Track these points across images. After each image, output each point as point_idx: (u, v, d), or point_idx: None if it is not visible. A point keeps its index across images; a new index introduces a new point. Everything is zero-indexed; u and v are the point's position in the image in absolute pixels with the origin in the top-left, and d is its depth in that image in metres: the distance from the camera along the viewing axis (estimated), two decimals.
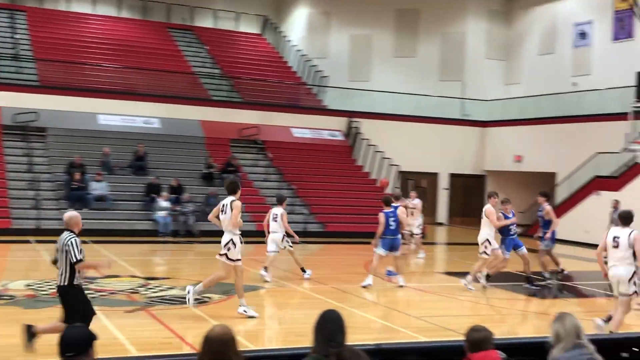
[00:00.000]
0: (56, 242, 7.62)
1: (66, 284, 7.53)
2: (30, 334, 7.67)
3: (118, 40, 29.78)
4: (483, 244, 13.34)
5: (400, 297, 13.18)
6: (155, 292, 12.04)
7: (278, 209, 13.86)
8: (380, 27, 32.16)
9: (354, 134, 27.88)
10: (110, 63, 27.50)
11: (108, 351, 7.15)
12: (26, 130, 23.20)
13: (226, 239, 10.17)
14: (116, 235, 19.72)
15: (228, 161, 23.88)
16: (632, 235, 9.13)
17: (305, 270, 14.07)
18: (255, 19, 35.29)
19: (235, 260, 10.10)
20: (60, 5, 32.13)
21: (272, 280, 13.40)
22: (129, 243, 19.03)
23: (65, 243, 7.44)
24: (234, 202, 10.06)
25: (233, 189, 10.24)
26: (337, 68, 31.37)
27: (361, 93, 29.43)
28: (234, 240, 10.13)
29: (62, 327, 7.06)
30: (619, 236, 9.28)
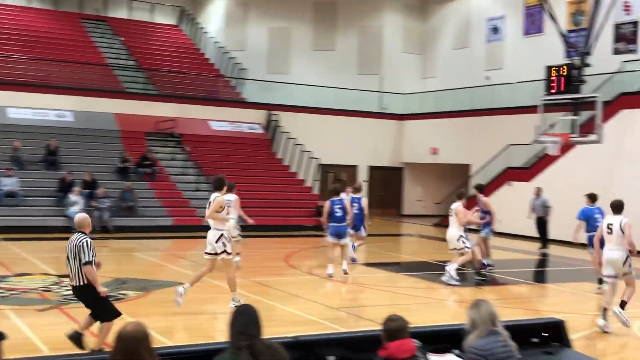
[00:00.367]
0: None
1: (83, 283, 7.64)
2: (78, 339, 7.80)
3: (28, 31, 28.76)
4: (459, 240, 13.49)
5: (320, 289, 13.23)
6: (69, 290, 11.67)
7: (231, 196, 14.14)
8: (299, 20, 32.16)
9: (273, 127, 27.81)
10: (20, 54, 26.51)
11: (19, 351, 6.92)
12: None
13: (216, 235, 10.22)
14: (28, 232, 19.07)
15: (144, 155, 23.42)
16: (624, 222, 9.87)
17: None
18: (171, 10, 34.71)
19: (226, 253, 10.24)
20: None
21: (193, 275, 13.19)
22: (42, 240, 18.40)
23: (78, 244, 7.56)
24: (217, 198, 10.19)
25: (219, 185, 10.39)
26: (256, 61, 31.20)
27: (280, 86, 29.38)
28: (225, 235, 10.26)
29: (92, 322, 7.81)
30: (612, 223, 9.98)
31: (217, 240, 10.21)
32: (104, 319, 7.78)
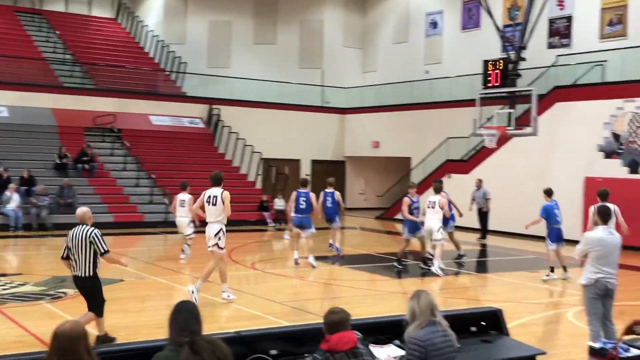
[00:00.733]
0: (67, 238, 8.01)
1: (91, 274, 8.00)
2: (109, 340, 8.02)
3: None
4: (438, 231, 14.21)
5: (263, 284, 13.24)
6: (6, 289, 11.45)
7: (185, 195, 15.06)
8: (240, 14, 31.97)
9: (214, 121, 27.61)
10: None
11: None
12: None
13: (216, 228, 10.59)
14: None
15: (82, 151, 22.99)
16: (615, 209, 11.16)
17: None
18: (108, 3, 34.09)
19: (218, 247, 10.59)
20: None
21: (134, 272, 13.06)
22: None
23: (89, 235, 7.90)
24: (224, 193, 10.64)
25: (218, 180, 10.84)
26: (196, 54, 30.89)
27: (221, 80, 29.19)
28: (223, 230, 10.63)
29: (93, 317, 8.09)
30: None
31: (216, 234, 10.58)
32: (94, 310, 8.12)
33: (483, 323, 6.83)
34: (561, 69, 22.62)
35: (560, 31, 24.22)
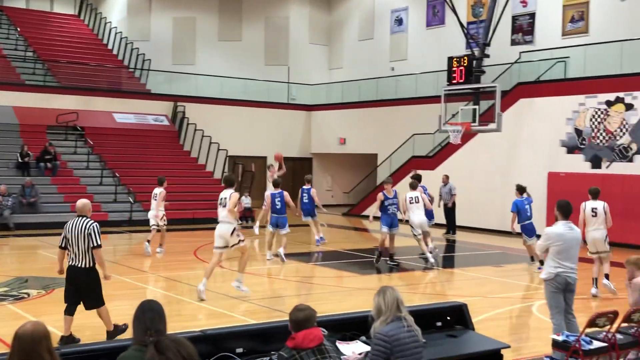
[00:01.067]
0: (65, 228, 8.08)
1: (90, 265, 8.06)
2: (72, 341, 7.92)
3: None
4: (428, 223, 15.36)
5: (230, 282, 13.17)
6: None
7: (158, 189, 15.70)
8: (204, 10, 31.76)
9: (179, 118, 27.40)
10: None
11: None
12: None
13: (229, 229, 10.89)
14: None
15: (45, 149, 22.65)
16: (605, 205, 11.64)
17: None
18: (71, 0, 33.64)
19: (241, 241, 11.03)
20: None
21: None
22: None
23: (87, 227, 7.95)
24: (232, 195, 10.93)
25: (231, 182, 11.24)
26: (161, 51, 30.61)
27: (186, 77, 28.98)
28: (236, 228, 11.01)
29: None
30: (596, 207, 11.66)
31: (232, 234, 10.91)
32: (94, 305, 8.12)
33: (448, 318, 6.88)
34: (524, 66, 22.89)
35: (524, 28, 24.50)
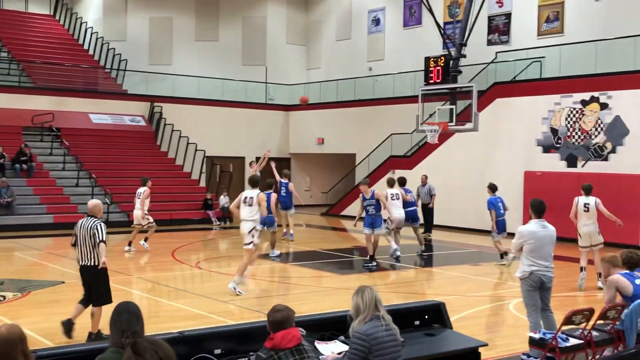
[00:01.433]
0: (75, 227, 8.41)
1: (95, 263, 8.37)
2: (68, 326, 8.43)
3: None
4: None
5: (208, 283, 13.14)
6: None
7: (141, 188, 16.25)
8: (181, 10, 31.61)
9: (156, 119, 27.25)
10: None
11: None
12: None
13: (250, 226, 11.44)
14: None
15: (20, 150, 22.42)
16: (597, 201, 12.15)
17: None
18: None
19: (253, 244, 11.54)
20: None
21: (76, 273, 12.78)
22: None
23: (92, 226, 8.27)
24: (259, 195, 11.52)
25: (255, 183, 11.86)
26: (137, 51, 30.41)
27: (163, 77, 28.82)
28: (257, 228, 11.50)
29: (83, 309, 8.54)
30: (588, 203, 12.20)
31: (250, 232, 11.44)
32: (99, 301, 8.41)
33: (426, 316, 6.92)
34: (501, 66, 23.05)
35: (500, 28, 24.67)
